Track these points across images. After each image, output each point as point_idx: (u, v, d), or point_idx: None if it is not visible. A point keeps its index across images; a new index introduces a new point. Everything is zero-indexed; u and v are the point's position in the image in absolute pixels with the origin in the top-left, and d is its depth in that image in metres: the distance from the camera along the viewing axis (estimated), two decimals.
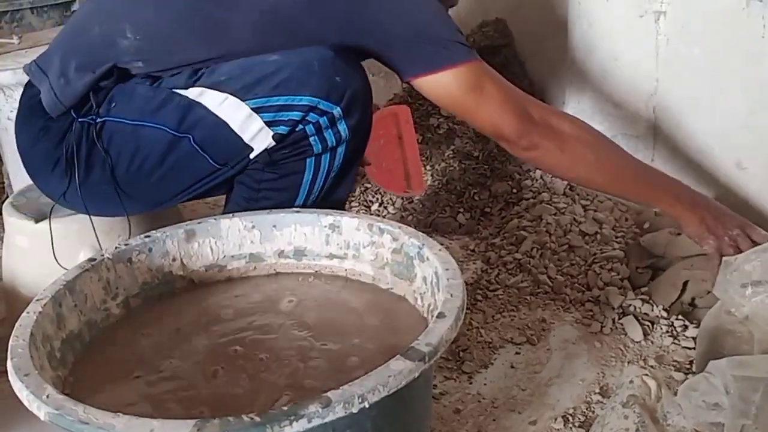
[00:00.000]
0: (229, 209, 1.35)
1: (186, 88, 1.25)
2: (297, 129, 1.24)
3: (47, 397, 0.80)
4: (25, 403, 0.81)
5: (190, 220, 1.22)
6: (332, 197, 1.34)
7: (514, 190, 1.91)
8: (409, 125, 1.89)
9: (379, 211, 1.97)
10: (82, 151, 1.29)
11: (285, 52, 1.24)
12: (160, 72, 1.28)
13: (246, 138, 1.24)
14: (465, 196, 1.94)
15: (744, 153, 1.52)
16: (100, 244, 1.36)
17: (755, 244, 1.32)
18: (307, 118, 1.23)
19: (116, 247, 1.12)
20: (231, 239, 1.21)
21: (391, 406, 0.84)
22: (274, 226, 1.22)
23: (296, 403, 0.76)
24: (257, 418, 0.74)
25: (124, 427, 0.75)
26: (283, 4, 1.26)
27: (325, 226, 1.20)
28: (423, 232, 1.14)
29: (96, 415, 0.76)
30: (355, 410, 0.77)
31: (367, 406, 0.77)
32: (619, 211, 1.75)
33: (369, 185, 2.08)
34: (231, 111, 1.23)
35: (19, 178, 1.77)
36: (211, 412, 0.89)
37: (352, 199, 2.05)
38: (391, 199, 2.00)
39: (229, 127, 1.24)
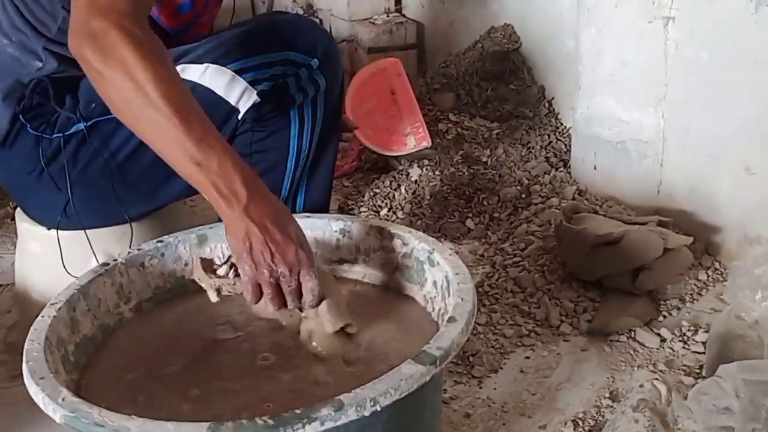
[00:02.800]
0: None
1: None
2: (278, 84, 1.30)
3: (62, 399, 0.80)
4: (41, 405, 0.82)
5: (202, 225, 1.23)
6: (321, 161, 1.40)
7: (523, 195, 1.91)
8: (402, 78, 1.86)
9: (388, 215, 1.98)
10: (69, 158, 1.31)
11: (251, 20, 1.31)
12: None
13: (232, 100, 1.29)
14: (474, 201, 1.95)
15: (753, 157, 1.52)
16: (95, 256, 1.37)
17: (298, 292, 0.97)
18: (286, 72, 1.29)
19: (129, 252, 1.13)
20: None
21: (403, 410, 0.85)
22: None
23: (309, 406, 0.76)
24: (270, 421, 0.75)
25: (139, 429, 0.75)
26: None
27: (336, 231, 1.21)
28: (432, 237, 1.14)
29: (111, 417, 0.77)
30: (367, 413, 0.77)
31: (379, 409, 0.78)
32: (628, 215, 1.75)
33: (378, 191, 2.08)
34: (214, 77, 1.28)
35: None
36: (225, 414, 0.89)
37: (361, 204, 2.06)
38: (400, 204, 2.01)
39: (215, 93, 1.28)
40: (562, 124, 2.23)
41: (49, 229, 1.42)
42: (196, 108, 0.99)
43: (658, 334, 1.43)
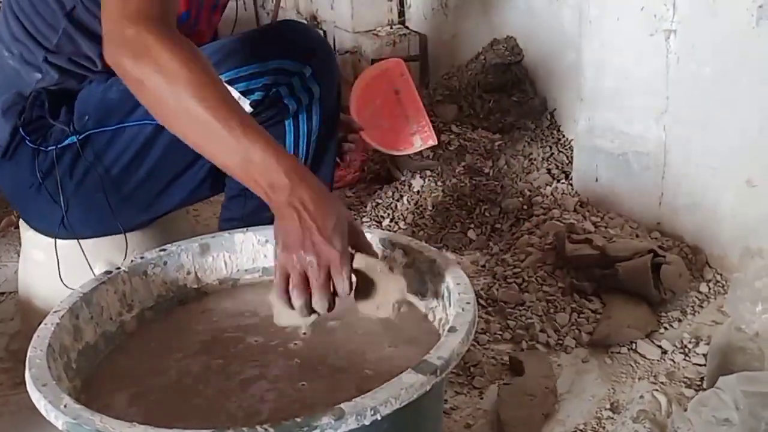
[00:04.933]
0: (225, 195, 1.41)
1: None
2: (271, 92, 1.30)
3: (65, 406, 0.81)
4: (43, 412, 0.82)
5: (204, 234, 1.23)
6: (320, 169, 1.40)
7: (525, 207, 1.92)
8: (405, 78, 1.86)
9: (390, 226, 1.98)
10: (65, 171, 1.32)
11: (245, 31, 1.30)
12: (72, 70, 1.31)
13: None
14: (476, 212, 1.95)
15: (755, 170, 1.52)
16: (93, 272, 1.38)
17: (326, 288, 0.92)
18: (279, 80, 1.29)
19: (132, 261, 1.14)
20: (245, 253, 1.22)
21: (403, 419, 0.85)
22: None
23: (310, 415, 0.77)
24: (270, 429, 0.75)
25: None
26: None
27: None
28: (434, 247, 1.15)
29: (112, 424, 0.77)
30: (367, 422, 0.77)
31: (379, 418, 0.78)
32: (630, 228, 1.75)
33: (380, 201, 2.09)
34: None
35: None
36: (225, 423, 0.90)
37: (364, 214, 2.07)
38: (402, 214, 2.01)
39: None
40: (564, 136, 2.24)
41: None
42: (234, 104, 0.99)
43: (659, 346, 1.43)
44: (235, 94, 1.28)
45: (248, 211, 1.37)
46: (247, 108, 1.29)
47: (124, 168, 1.32)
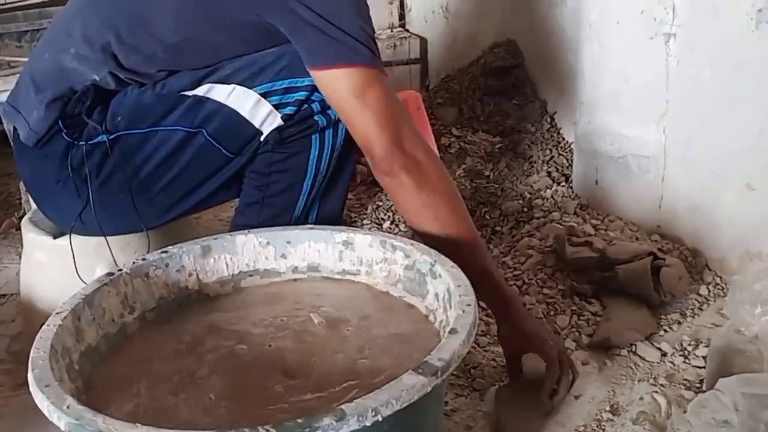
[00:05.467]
0: (241, 201, 1.41)
1: (193, 89, 1.30)
2: (303, 108, 1.31)
3: (67, 407, 0.81)
4: (46, 413, 0.83)
5: (206, 236, 1.24)
6: (338, 180, 1.42)
7: (525, 209, 1.92)
8: (421, 111, 1.86)
9: (390, 228, 1.99)
10: (92, 168, 1.32)
11: (281, 45, 1.29)
12: (129, 78, 1.32)
13: (256, 123, 1.31)
14: (476, 214, 1.95)
15: (754, 173, 1.53)
16: (116, 262, 1.39)
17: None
18: (312, 97, 1.30)
19: (134, 262, 1.14)
20: (246, 255, 1.23)
21: (404, 420, 0.85)
22: (289, 242, 1.23)
23: (311, 416, 0.77)
24: (273, 430, 0.76)
25: None
26: None
27: (339, 243, 1.22)
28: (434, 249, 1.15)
29: (115, 425, 0.78)
30: (368, 423, 0.78)
31: (380, 419, 0.79)
32: (630, 230, 1.76)
33: (380, 203, 2.09)
34: (240, 99, 1.30)
35: None
36: (226, 423, 0.90)
37: (364, 216, 2.07)
38: (402, 216, 2.01)
39: (240, 114, 1.30)
40: (564, 138, 2.24)
41: (55, 238, 1.43)
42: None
43: (659, 349, 1.43)
44: (268, 107, 1.29)
45: (264, 218, 1.37)
46: (278, 121, 1.30)
47: (150, 172, 1.33)
